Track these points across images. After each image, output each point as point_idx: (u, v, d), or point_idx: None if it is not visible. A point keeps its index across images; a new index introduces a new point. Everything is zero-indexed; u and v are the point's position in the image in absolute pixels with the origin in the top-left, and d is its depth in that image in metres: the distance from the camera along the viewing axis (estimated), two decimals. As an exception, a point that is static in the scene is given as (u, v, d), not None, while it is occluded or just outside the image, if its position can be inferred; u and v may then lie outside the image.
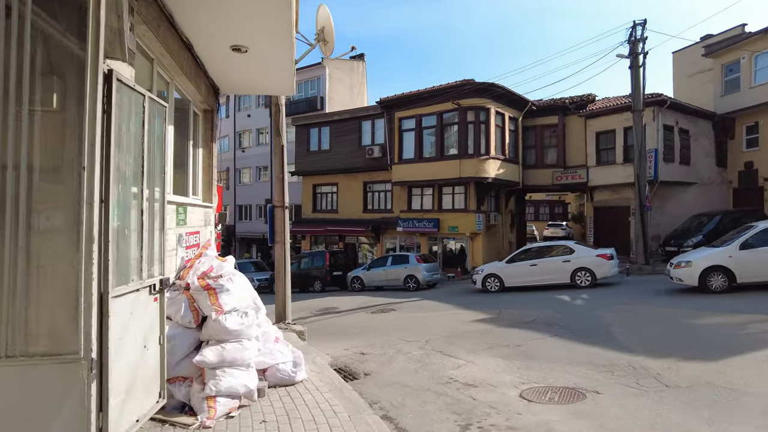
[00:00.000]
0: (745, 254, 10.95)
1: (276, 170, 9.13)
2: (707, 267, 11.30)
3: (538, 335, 8.79)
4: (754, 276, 10.90)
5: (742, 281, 10.98)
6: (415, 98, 22.43)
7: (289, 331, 8.22)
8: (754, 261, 10.83)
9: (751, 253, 10.90)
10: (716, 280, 11.19)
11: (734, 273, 11.01)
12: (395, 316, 13.06)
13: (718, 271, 11.20)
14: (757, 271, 10.85)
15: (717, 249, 11.69)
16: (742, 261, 10.94)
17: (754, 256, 10.85)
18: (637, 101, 18.30)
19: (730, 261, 11.08)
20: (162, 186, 4.17)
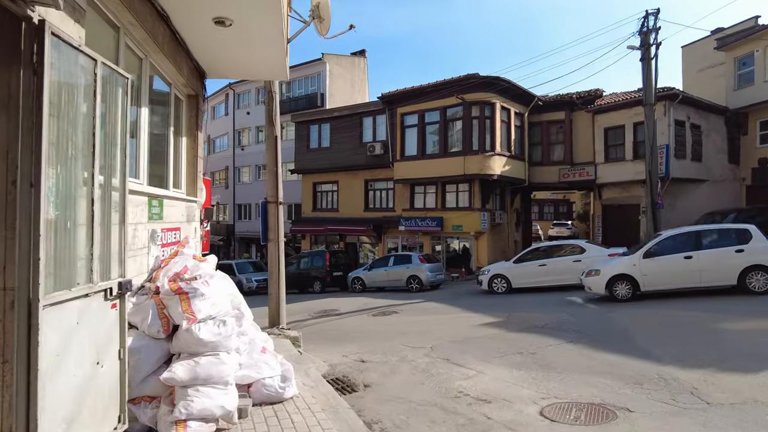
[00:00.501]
0: (647, 263, 11.04)
1: (269, 163, 8.48)
2: (614, 275, 11.35)
3: (552, 341, 8.11)
4: (655, 284, 11.04)
5: (646, 290, 11.09)
6: (417, 93, 21.75)
7: (283, 337, 7.56)
8: (655, 270, 10.97)
9: (653, 261, 11.02)
10: (621, 288, 11.25)
11: (638, 281, 11.11)
12: (398, 319, 12.40)
13: (623, 280, 11.25)
14: (657, 279, 11.01)
15: (625, 257, 11.79)
16: (645, 269, 11.04)
17: (655, 264, 10.98)
18: (648, 95, 17.58)
19: (635, 269, 11.15)
20: (123, 173, 3.52)
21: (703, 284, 10.83)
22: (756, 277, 10.36)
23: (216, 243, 38.27)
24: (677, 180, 20.15)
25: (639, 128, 20.55)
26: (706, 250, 10.80)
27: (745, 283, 10.38)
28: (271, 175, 8.46)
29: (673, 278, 10.98)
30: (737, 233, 10.81)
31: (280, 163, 8.52)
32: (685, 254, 10.82)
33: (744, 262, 10.39)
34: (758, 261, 10.30)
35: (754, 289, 10.31)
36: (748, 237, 10.59)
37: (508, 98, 21.22)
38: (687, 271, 10.77)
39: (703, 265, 10.67)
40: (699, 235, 11.13)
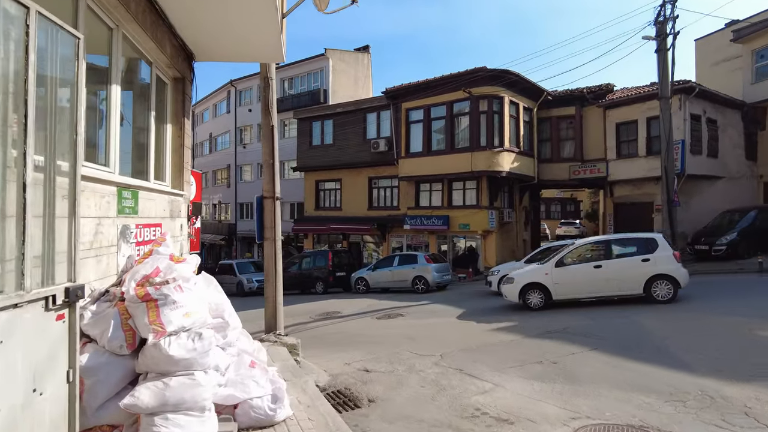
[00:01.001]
0: (559, 272, 11.10)
1: (265, 155, 7.83)
2: (527, 284, 11.40)
3: (574, 348, 7.42)
4: (566, 293, 11.10)
5: (557, 298, 11.12)
6: (423, 87, 21.05)
7: (279, 344, 6.90)
8: (567, 279, 11.02)
9: (564, 270, 11.08)
10: (534, 297, 11.29)
11: (550, 290, 11.12)
12: (403, 322, 11.74)
13: (536, 288, 11.29)
14: (569, 288, 11.06)
15: (539, 265, 11.85)
16: (556, 278, 11.09)
17: (567, 273, 11.04)
18: (664, 87, 16.84)
19: (547, 278, 11.19)
20: (74, 154, 2.86)
21: (612, 293, 10.91)
22: (660, 286, 10.42)
23: (218, 242, 37.72)
24: (693, 177, 19.39)
25: (653, 123, 19.83)
26: (615, 259, 10.93)
27: (650, 292, 10.44)
28: (268, 169, 7.81)
29: (583, 287, 11.07)
30: (645, 243, 10.89)
31: (276, 156, 7.87)
32: (595, 263, 10.96)
33: (649, 271, 10.47)
34: (662, 270, 10.38)
35: (658, 297, 10.36)
36: (655, 246, 10.67)
37: (516, 92, 20.50)
38: (596, 280, 10.87)
39: (612, 274, 10.77)
40: (609, 245, 11.26)
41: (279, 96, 31.96)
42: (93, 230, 3.59)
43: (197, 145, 44.07)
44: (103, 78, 4.31)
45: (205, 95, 41.35)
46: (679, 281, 10.32)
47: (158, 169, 5.81)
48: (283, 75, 32.21)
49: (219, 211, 39.78)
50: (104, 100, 4.30)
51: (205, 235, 38.96)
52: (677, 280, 10.31)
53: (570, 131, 22.56)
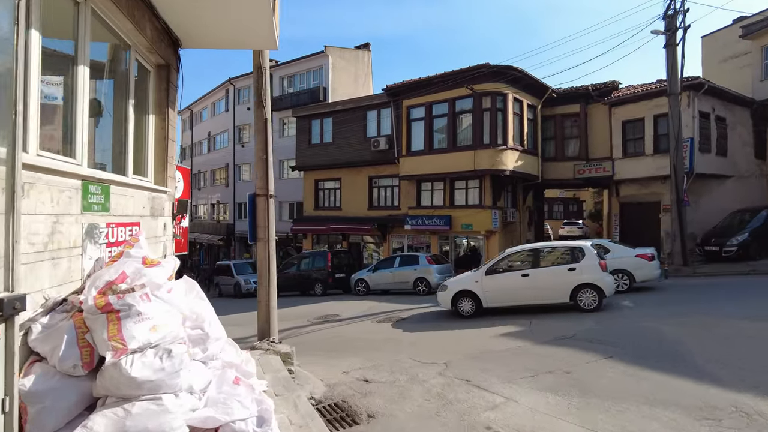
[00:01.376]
0: (489, 280, 11.23)
1: (258, 150, 7.35)
2: (458, 291, 11.50)
3: (588, 357, 6.93)
4: (496, 301, 11.22)
5: (487, 306, 11.25)
6: (424, 84, 20.56)
7: (272, 353, 6.42)
8: (496, 287, 11.16)
9: (494, 278, 11.22)
10: (465, 305, 11.38)
11: (480, 298, 11.24)
12: (405, 326, 11.24)
13: (467, 296, 11.38)
14: (498, 296, 11.18)
15: (471, 273, 11.95)
16: (486, 286, 11.23)
17: (496, 281, 11.19)
18: (674, 84, 16.37)
19: (477, 286, 11.32)
20: (12, 138, 2.38)
21: (539, 301, 10.96)
22: (585, 295, 10.45)
23: (216, 243, 37.26)
24: (701, 176, 18.91)
25: (660, 121, 19.36)
26: (543, 268, 11.03)
27: (577, 300, 10.47)
28: (261, 164, 7.32)
29: (512, 295, 11.15)
30: (572, 251, 11.00)
31: (270, 151, 7.38)
32: (523, 272, 11.05)
33: (575, 280, 10.53)
34: (587, 279, 10.42)
35: (584, 306, 10.38)
36: (582, 256, 10.75)
37: (520, 89, 20.01)
38: (524, 288, 10.96)
39: (539, 282, 10.86)
40: (538, 253, 11.36)
41: (278, 94, 31.52)
42: (49, 229, 3.10)
43: (195, 144, 43.64)
44: (66, 60, 3.83)
45: (204, 94, 40.91)
46: (604, 290, 10.39)
47: (138, 163, 5.32)
48: (282, 73, 31.76)
49: (217, 211, 39.31)
50: (70, 83, 3.82)
51: (203, 236, 38.54)
52: (602, 289, 10.36)
53: (574, 129, 22.07)
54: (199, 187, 42.29)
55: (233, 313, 16.11)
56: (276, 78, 32.00)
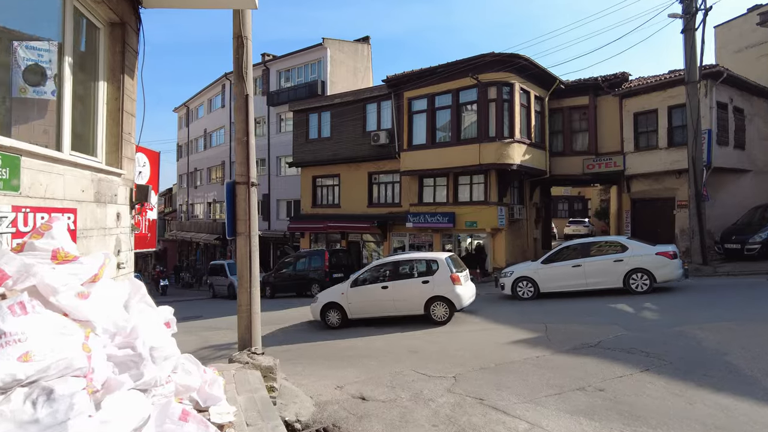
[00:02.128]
0: (353, 292, 11.45)
1: (238, 131, 6.38)
2: (327, 302, 11.71)
3: (620, 369, 5.96)
4: (358, 313, 11.40)
5: (352, 317, 11.44)
6: (426, 75, 19.55)
7: (251, 367, 5.44)
8: (358, 299, 11.37)
9: (357, 291, 11.43)
10: (333, 316, 11.59)
11: (345, 310, 11.44)
12: (406, 331, 10.27)
13: (334, 308, 11.59)
14: (360, 307, 11.36)
15: (339, 285, 12.25)
16: (350, 298, 11.43)
17: (358, 293, 11.40)
18: (692, 71, 15.38)
19: (343, 298, 11.52)
20: None
21: (397, 313, 11.07)
22: (437, 307, 10.58)
23: (212, 242, 36.32)
24: (718, 170, 17.88)
25: (675, 112, 18.38)
26: (400, 280, 11.15)
27: (430, 313, 10.62)
28: (241, 147, 6.36)
29: (371, 307, 11.29)
30: (428, 264, 11.14)
31: (252, 132, 6.42)
32: (383, 284, 11.23)
33: (429, 292, 10.66)
34: (439, 292, 10.57)
35: (436, 318, 10.53)
36: (435, 268, 10.87)
37: (527, 79, 19.02)
38: (384, 300, 11.11)
39: (397, 294, 10.99)
40: (397, 266, 11.50)
41: (275, 89, 30.58)
42: None
43: (191, 141, 42.70)
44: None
45: (200, 90, 39.95)
46: (455, 303, 10.46)
47: (82, 137, 4.37)
48: (279, 67, 30.81)
49: (213, 210, 38.35)
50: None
51: (200, 235, 37.59)
52: (452, 302, 10.45)
53: (583, 122, 21.07)
54: (196, 185, 41.35)
55: (223, 316, 15.17)
56: (273, 72, 31.06)
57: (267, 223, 31.02)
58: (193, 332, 13.25)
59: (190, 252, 44.15)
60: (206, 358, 9.60)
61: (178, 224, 45.52)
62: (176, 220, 46.96)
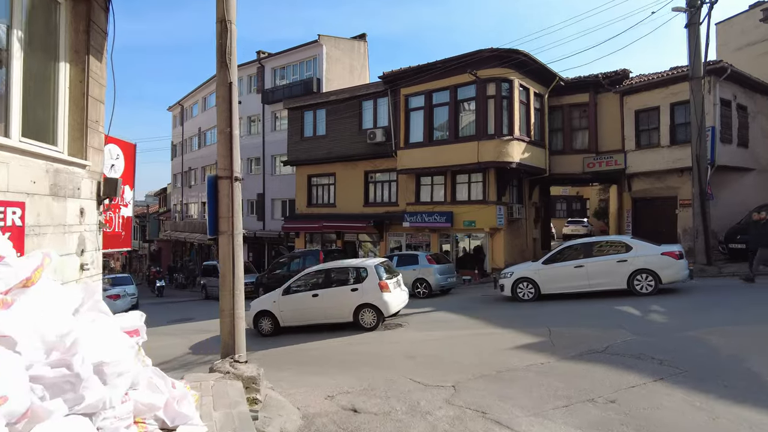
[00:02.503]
0: (284, 300, 11.56)
1: (220, 122, 5.93)
2: (259, 311, 11.80)
3: (631, 378, 5.53)
4: (290, 321, 11.51)
5: (284, 325, 11.54)
6: (424, 71, 19.13)
7: (232, 377, 4.99)
8: (289, 306, 11.49)
9: (287, 299, 11.56)
10: (265, 324, 11.69)
11: (278, 318, 11.55)
12: (402, 335, 9.85)
13: (266, 316, 11.68)
14: (291, 315, 11.48)
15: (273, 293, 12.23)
16: (282, 306, 11.55)
17: (289, 301, 11.52)
18: (696, 66, 14.97)
19: (274, 306, 11.64)
20: None
21: (327, 320, 11.15)
22: (366, 315, 10.73)
23: (206, 242, 35.78)
24: (721, 168, 17.51)
25: (677, 109, 18.00)
26: (330, 288, 11.26)
27: (359, 320, 10.73)
28: (224, 140, 5.91)
29: (302, 315, 11.41)
30: (357, 272, 11.22)
31: (236, 123, 5.97)
32: (314, 292, 11.35)
33: (357, 300, 10.79)
34: (367, 300, 10.70)
35: (364, 324, 10.64)
36: (364, 276, 10.97)
37: (526, 76, 18.62)
38: (314, 308, 11.26)
39: (326, 302, 11.13)
40: (329, 273, 11.59)
41: (270, 86, 30.10)
42: None
43: (186, 140, 42.18)
44: None
45: (194, 88, 39.44)
46: (382, 311, 10.59)
47: (40, 123, 3.92)
48: (274, 64, 30.33)
49: (208, 210, 37.80)
50: None
51: (194, 235, 37.08)
52: (380, 309, 10.58)
53: (583, 120, 20.68)
54: (190, 185, 40.81)
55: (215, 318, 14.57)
56: (268, 70, 30.57)
57: (262, 223, 30.54)
58: (182, 335, 12.81)
59: (184, 252, 43.62)
60: (190, 364, 9.17)
61: (172, 224, 44.97)
62: (170, 220, 46.39)
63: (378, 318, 10.63)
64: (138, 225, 60.54)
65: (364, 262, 11.67)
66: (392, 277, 11.37)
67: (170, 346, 11.30)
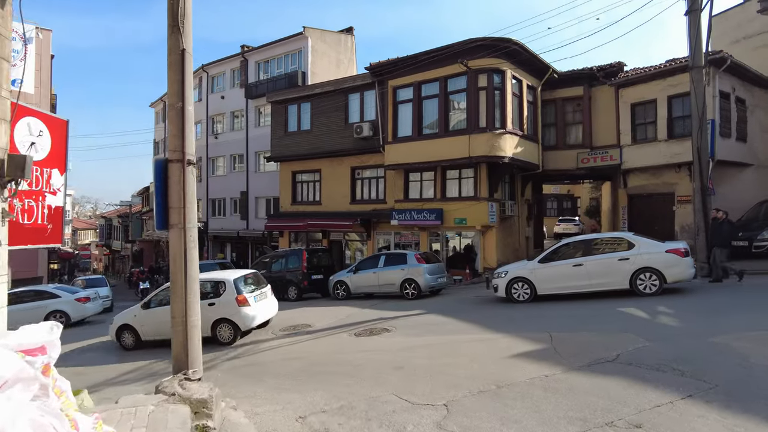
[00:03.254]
0: (144, 314, 11.29)
1: (171, 96, 5.01)
2: (121, 324, 11.57)
3: (655, 395, 4.71)
4: (149, 334, 11.26)
5: (146, 339, 11.32)
6: (412, 62, 18.28)
7: (178, 400, 4.08)
8: (147, 320, 11.19)
9: (148, 312, 11.25)
10: (127, 338, 11.48)
11: (138, 331, 11.34)
12: (389, 341, 8.97)
13: (127, 329, 11.46)
14: (150, 329, 11.19)
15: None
16: (141, 320, 11.31)
17: (148, 315, 11.21)
18: (697, 55, 14.29)
19: (135, 320, 11.39)
20: None
21: None
22: (223, 329, 10.64)
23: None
24: (720, 163, 16.89)
25: (675, 102, 17.38)
26: None
27: (216, 333, 10.68)
28: (175, 116, 5.00)
29: (161, 328, 10.87)
30: (216, 285, 11.02)
31: (189, 98, 5.06)
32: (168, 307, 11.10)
33: (214, 315, 10.58)
34: (223, 314, 10.56)
35: (222, 339, 10.59)
36: (223, 289, 10.80)
37: (519, 67, 17.86)
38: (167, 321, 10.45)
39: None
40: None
41: (253, 80, 29.11)
42: None
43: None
44: None
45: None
46: (239, 325, 10.49)
47: None
48: (257, 57, 29.33)
49: (191, 209, 36.64)
50: None
51: (176, 235, 35.85)
52: (237, 324, 10.46)
53: (577, 114, 19.99)
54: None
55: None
56: (251, 64, 29.57)
57: (245, 222, 29.52)
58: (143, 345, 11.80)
59: (166, 253, 42.35)
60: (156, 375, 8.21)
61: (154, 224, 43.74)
62: (153, 220, 45.09)
63: (235, 333, 10.49)
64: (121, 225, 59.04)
65: (225, 275, 11.42)
66: (257, 289, 11.29)
67: (139, 353, 10.38)
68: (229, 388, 6.70)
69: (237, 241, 30.89)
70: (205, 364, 8.76)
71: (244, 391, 6.42)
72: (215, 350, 9.92)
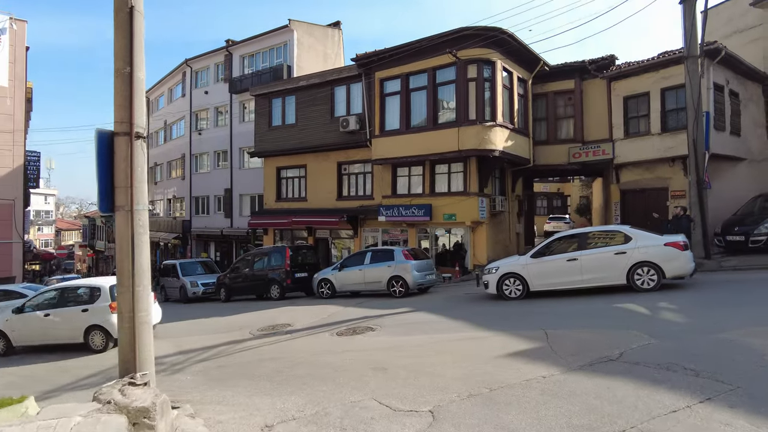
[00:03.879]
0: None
1: (116, 58, 4.36)
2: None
3: (669, 398, 4.16)
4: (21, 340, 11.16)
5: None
6: (400, 53, 17.69)
7: (113, 410, 3.44)
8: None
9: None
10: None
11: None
12: (373, 341, 8.36)
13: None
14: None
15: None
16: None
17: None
18: (692, 45, 13.89)
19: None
20: None
21: (56, 341, 10.79)
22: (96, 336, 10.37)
23: (171, 242, 33.75)
24: (714, 157, 16.45)
25: (668, 95, 16.98)
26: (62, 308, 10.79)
27: (89, 340, 10.38)
28: (121, 83, 4.34)
29: (33, 335, 11.05)
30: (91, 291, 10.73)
31: (139, 62, 4.41)
32: (45, 312, 10.90)
33: (86, 321, 10.37)
34: (96, 321, 10.31)
35: (94, 347, 10.32)
36: (97, 296, 10.49)
37: (509, 58, 17.35)
38: (46, 328, 10.88)
39: (56, 323, 10.71)
40: (63, 293, 11.11)
41: (238, 75, 28.35)
42: None
43: (152, 134, 39.92)
44: None
45: (160, 79, 37.31)
46: (111, 333, 10.06)
47: None
48: (242, 51, 28.57)
49: (173, 208, 35.75)
50: None
51: (159, 234, 34.95)
52: (109, 331, 10.09)
53: (569, 108, 19.53)
54: (156, 181, 38.61)
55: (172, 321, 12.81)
56: (236, 58, 28.80)
57: (229, 220, 28.73)
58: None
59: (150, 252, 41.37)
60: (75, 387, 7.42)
61: (96, 205, 42.70)
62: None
63: (107, 341, 10.18)
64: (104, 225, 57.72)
65: (100, 281, 11.12)
66: None
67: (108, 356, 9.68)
68: (195, 392, 6.07)
69: (221, 240, 30.07)
70: (174, 366, 8.11)
71: (210, 396, 5.79)
72: (187, 352, 9.24)
